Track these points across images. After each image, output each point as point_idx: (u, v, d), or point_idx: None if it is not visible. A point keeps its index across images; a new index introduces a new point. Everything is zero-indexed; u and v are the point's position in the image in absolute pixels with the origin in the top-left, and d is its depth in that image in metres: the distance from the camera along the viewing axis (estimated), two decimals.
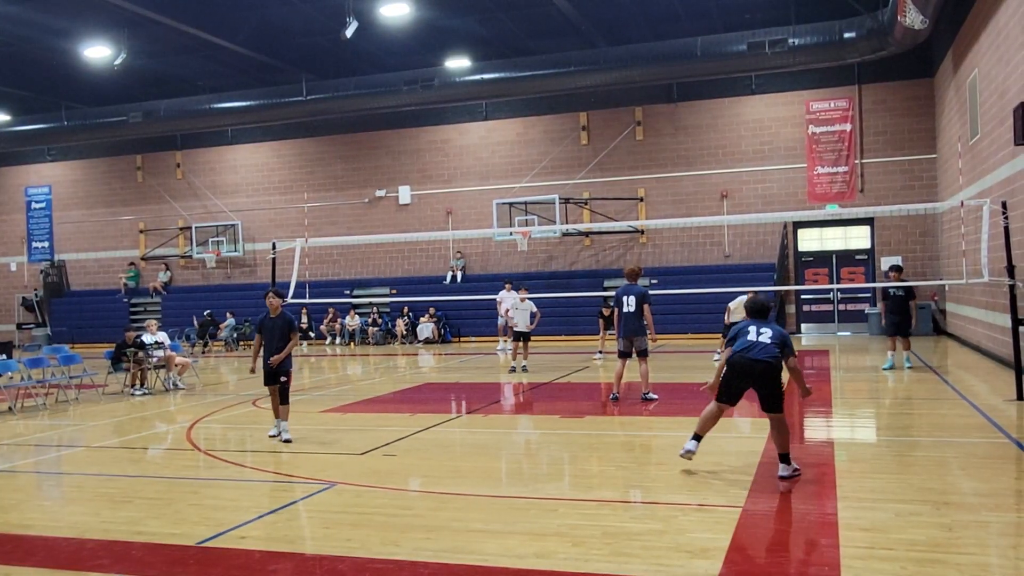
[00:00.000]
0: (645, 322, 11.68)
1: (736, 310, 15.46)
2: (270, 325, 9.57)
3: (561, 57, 22.88)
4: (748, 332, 7.37)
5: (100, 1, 18.81)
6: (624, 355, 11.88)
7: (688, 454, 7.31)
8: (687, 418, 10.71)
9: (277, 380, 9.52)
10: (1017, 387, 10.88)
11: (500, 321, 21.75)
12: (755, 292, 16.88)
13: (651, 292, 12.22)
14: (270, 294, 9.82)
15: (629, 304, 11.64)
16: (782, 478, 7.01)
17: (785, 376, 7.32)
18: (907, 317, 14.31)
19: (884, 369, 14.64)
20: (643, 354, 11.77)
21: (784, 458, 7.13)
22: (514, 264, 26.86)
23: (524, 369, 16.16)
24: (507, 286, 21.33)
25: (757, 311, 7.74)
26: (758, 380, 7.19)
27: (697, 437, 7.37)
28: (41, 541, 6.03)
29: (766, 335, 7.27)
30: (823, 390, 12.66)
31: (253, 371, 9.70)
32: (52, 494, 7.82)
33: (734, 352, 7.33)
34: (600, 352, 18.33)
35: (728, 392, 7.35)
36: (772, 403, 7.22)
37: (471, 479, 7.56)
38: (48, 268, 32.08)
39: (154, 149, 30.94)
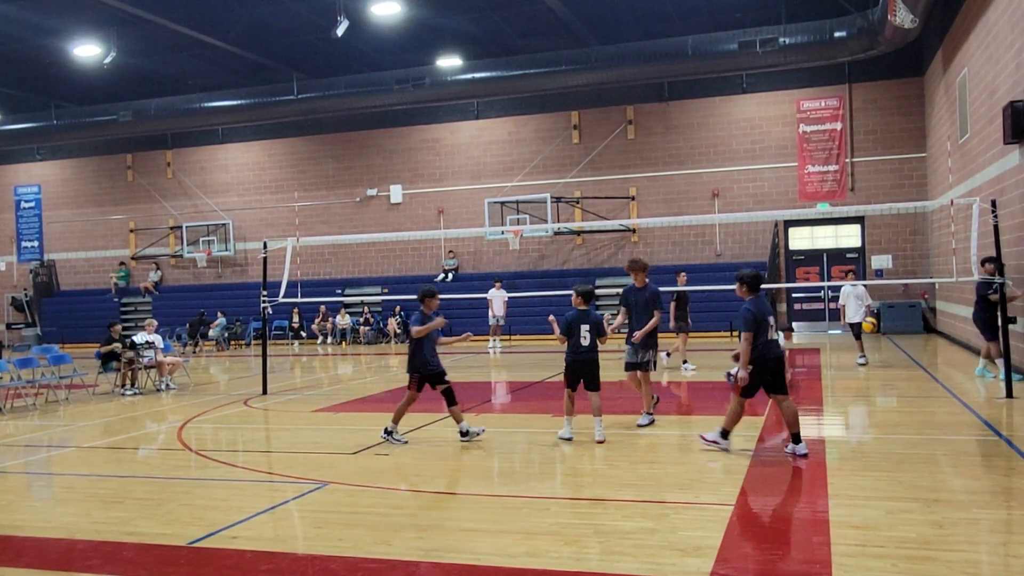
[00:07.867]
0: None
1: (846, 298, 15.61)
2: None
3: (552, 56, 22.89)
4: (772, 326, 7.70)
5: None
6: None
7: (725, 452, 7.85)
8: (680, 417, 10.75)
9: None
10: (1007, 385, 10.95)
11: (491, 321, 21.74)
12: (855, 281, 16.61)
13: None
14: None
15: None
16: (803, 456, 7.48)
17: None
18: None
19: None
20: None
21: (797, 437, 7.59)
22: (506, 263, 26.85)
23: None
24: (496, 284, 21.25)
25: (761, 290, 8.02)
26: (775, 370, 7.62)
27: (726, 433, 7.87)
28: (31, 542, 6.00)
29: (774, 327, 7.78)
30: (814, 388, 12.71)
31: None
32: (42, 495, 7.79)
33: (764, 348, 7.58)
34: (667, 353, 15.69)
35: (754, 387, 7.67)
36: (784, 386, 7.71)
37: (463, 478, 7.56)
38: (38, 268, 31.91)
39: (144, 148, 30.81)
